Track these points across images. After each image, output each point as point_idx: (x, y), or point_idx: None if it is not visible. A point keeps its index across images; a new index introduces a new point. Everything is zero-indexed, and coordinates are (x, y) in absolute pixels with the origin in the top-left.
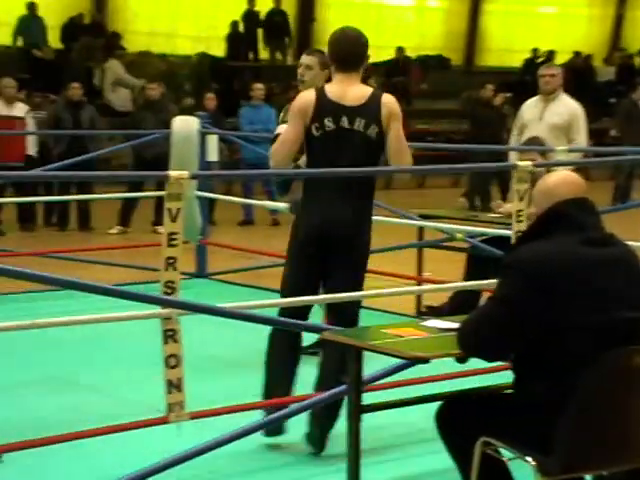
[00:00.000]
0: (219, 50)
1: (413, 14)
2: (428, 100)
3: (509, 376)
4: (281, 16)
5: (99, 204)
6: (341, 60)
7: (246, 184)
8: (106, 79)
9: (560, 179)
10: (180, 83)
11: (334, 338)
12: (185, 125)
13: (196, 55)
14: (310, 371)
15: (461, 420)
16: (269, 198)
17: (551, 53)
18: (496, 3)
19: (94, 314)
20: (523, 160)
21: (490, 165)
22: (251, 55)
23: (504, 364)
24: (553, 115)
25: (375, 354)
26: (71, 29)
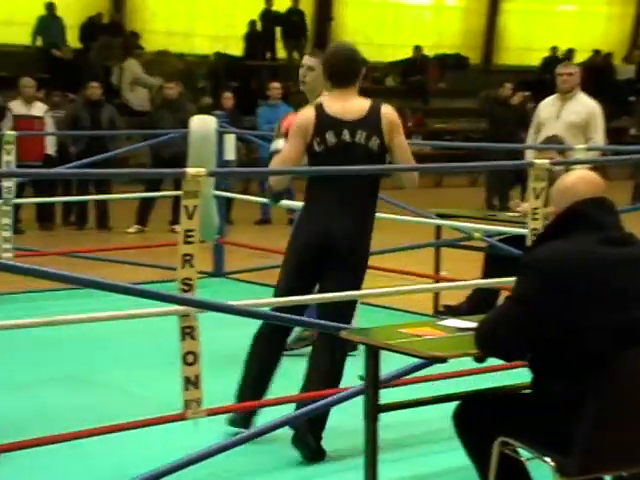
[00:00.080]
0: (237, 49)
1: (431, 13)
2: (446, 99)
3: (527, 375)
4: (299, 15)
5: (117, 203)
6: (336, 77)
7: (263, 183)
8: (124, 79)
9: (579, 178)
10: (198, 82)
11: (352, 337)
12: (203, 124)
13: (214, 54)
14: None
15: (479, 420)
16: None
17: (570, 51)
18: (515, 2)
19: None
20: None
21: (507, 163)
22: (269, 54)
23: (522, 363)
24: (570, 114)
25: (392, 353)
26: (90, 29)
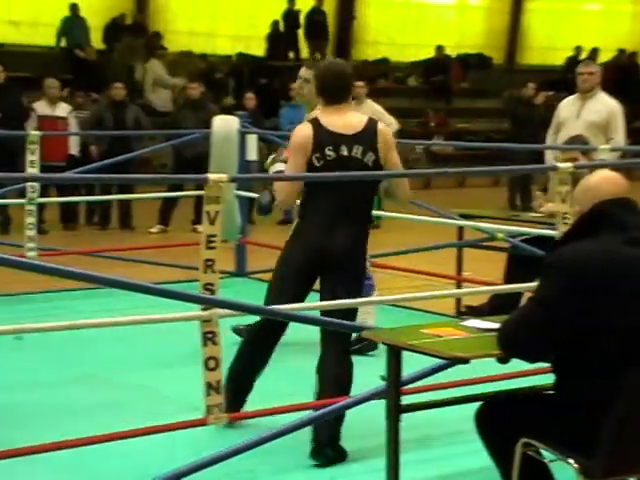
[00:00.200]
0: (259, 50)
1: (454, 12)
2: (468, 99)
3: (550, 377)
4: (321, 15)
5: (140, 203)
6: (328, 94)
7: None
8: (147, 79)
9: (603, 178)
10: (220, 83)
11: (374, 337)
12: (225, 124)
13: (236, 55)
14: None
15: (501, 421)
16: None
17: (595, 51)
18: (539, 1)
19: (135, 312)
20: (564, 159)
21: (530, 167)
22: (291, 54)
23: (545, 366)
24: (591, 113)
25: (414, 354)
26: (113, 30)
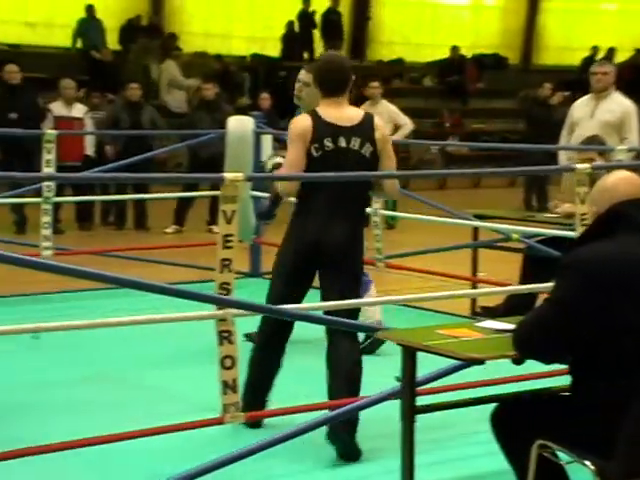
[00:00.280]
0: (274, 50)
1: (469, 12)
2: (483, 99)
3: (566, 379)
4: (336, 16)
5: (155, 203)
6: (327, 87)
7: None
8: (162, 80)
9: (619, 179)
10: (235, 83)
11: (390, 338)
12: (240, 125)
13: (251, 55)
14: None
15: (517, 422)
16: None
17: (611, 50)
18: (555, 0)
19: (150, 312)
20: (581, 159)
21: (546, 168)
22: (306, 55)
23: (562, 367)
24: (605, 112)
25: (429, 355)
26: (129, 31)
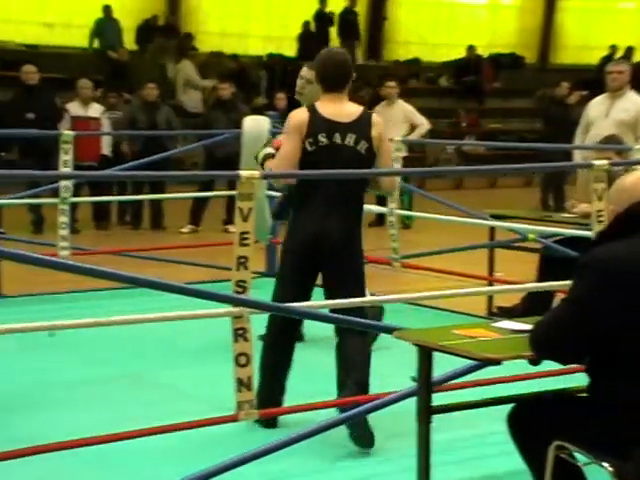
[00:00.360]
0: (291, 50)
1: (486, 11)
2: (500, 99)
3: (583, 379)
4: (353, 15)
5: (171, 203)
6: (328, 82)
7: None
8: (178, 80)
9: (638, 179)
10: (251, 83)
11: (406, 338)
12: (255, 125)
13: (267, 55)
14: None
15: (534, 423)
16: None
17: (630, 50)
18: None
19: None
20: (598, 158)
21: (564, 164)
22: None
23: (578, 367)
24: (620, 112)
25: (445, 355)
26: (145, 31)
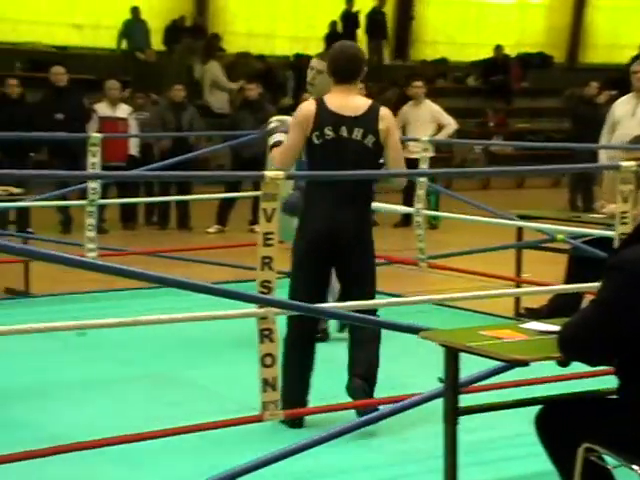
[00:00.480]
0: (317, 50)
1: (514, 10)
2: (528, 98)
3: (612, 381)
4: (380, 15)
5: (198, 204)
6: (339, 73)
7: None
8: (205, 81)
9: None
10: (278, 83)
11: (432, 338)
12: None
13: (294, 55)
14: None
15: (563, 424)
16: None
17: None
18: None
19: (192, 311)
20: (629, 158)
21: (591, 166)
22: None
23: (608, 368)
24: None
25: (472, 356)
26: (173, 32)
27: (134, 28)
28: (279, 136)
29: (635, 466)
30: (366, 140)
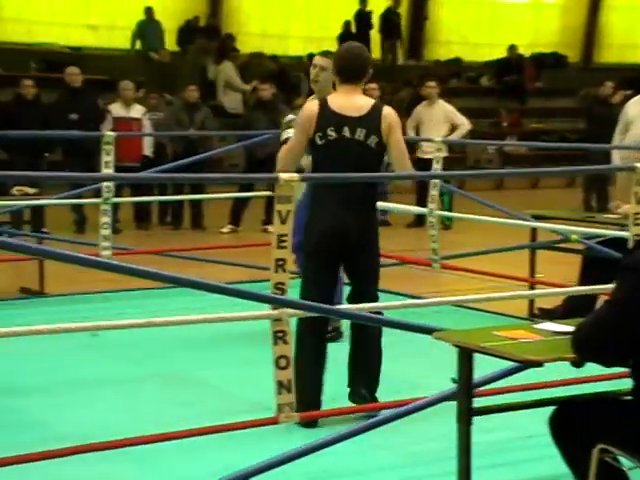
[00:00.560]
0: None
1: (528, 10)
2: (542, 98)
3: (627, 382)
4: (395, 16)
5: (211, 203)
6: (344, 73)
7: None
8: (219, 81)
9: None
10: (292, 84)
11: (446, 339)
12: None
13: (307, 55)
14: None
15: (577, 425)
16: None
17: None
18: None
19: (206, 311)
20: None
21: (605, 167)
22: None
23: (622, 370)
24: None
25: (486, 356)
26: (187, 32)
27: (148, 29)
28: (290, 132)
29: None
30: (369, 140)
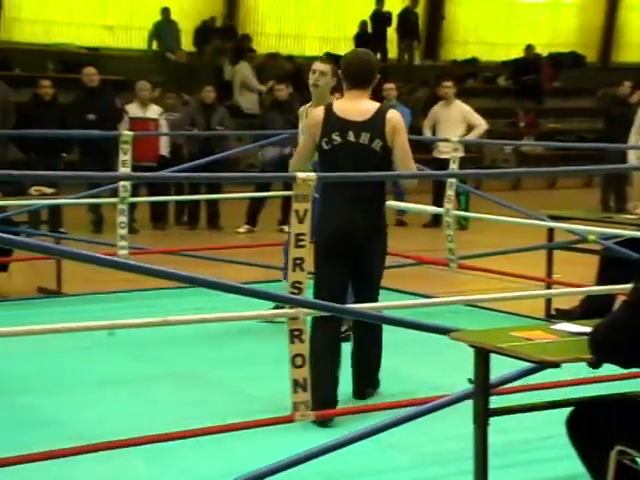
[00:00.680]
0: (347, 50)
1: (546, 10)
2: (559, 98)
3: None
4: (412, 15)
5: (227, 204)
6: (352, 78)
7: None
8: (235, 81)
9: None
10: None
11: (462, 339)
12: None
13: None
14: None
15: (595, 426)
16: (395, 198)
17: None
18: None
19: (220, 311)
20: None
21: (623, 166)
22: (379, 55)
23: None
24: None
25: (503, 357)
26: (203, 32)
27: (165, 29)
28: None
29: None
30: (373, 144)
